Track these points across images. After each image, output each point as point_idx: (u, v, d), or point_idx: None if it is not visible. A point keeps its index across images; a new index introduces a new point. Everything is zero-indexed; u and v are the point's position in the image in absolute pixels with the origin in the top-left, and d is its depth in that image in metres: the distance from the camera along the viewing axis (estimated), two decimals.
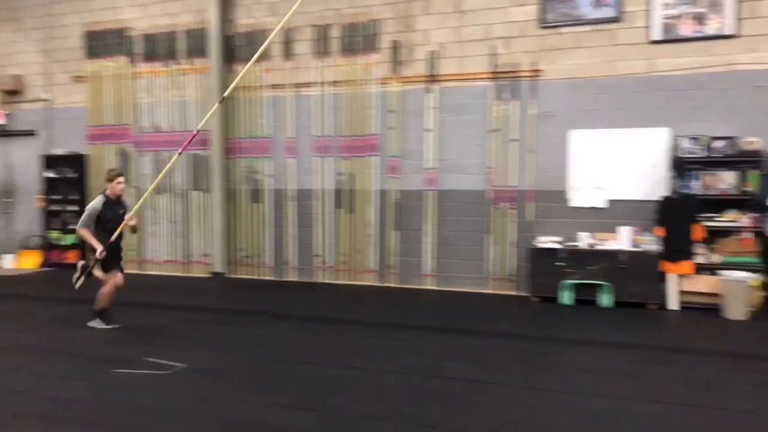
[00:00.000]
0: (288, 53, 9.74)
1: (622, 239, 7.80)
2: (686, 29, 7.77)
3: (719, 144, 7.51)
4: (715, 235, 7.49)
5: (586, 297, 7.74)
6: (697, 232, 7.40)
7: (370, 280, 9.36)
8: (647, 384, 4.95)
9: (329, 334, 6.54)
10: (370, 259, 9.37)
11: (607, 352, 5.90)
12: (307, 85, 9.60)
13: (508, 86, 8.58)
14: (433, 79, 8.95)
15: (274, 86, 9.83)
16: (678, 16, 7.78)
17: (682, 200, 7.49)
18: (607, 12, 8.06)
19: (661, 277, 7.53)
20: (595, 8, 8.11)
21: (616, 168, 8.10)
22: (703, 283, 7.37)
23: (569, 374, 5.25)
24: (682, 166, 7.59)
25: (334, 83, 9.46)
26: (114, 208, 6.61)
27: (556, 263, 7.85)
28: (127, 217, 6.60)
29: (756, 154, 7.35)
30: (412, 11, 9.06)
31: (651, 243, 7.67)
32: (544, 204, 8.51)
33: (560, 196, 8.40)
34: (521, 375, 5.18)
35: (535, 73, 8.45)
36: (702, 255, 7.48)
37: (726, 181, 7.49)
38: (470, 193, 8.83)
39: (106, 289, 6.57)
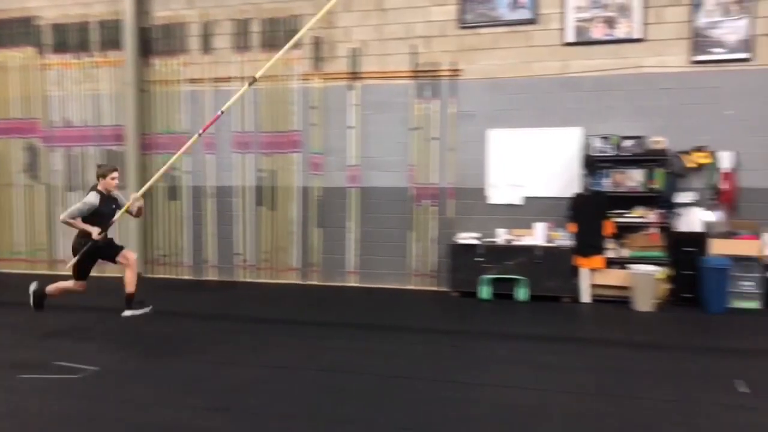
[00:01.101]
0: (207, 47, 9.53)
1: (538, 235, 8.04)
2: (597, 32, 8.08)
3: (628, 143, 7.85)
4: (624, 231, 7.83)
5: (503, 291, 7.94)
6: (608, 227, 7.72)
7: (292, 279, 9.29)
8: (562, 375, 5.12)
9: (249, 333, 6.45)
10: (292, 257, 9.30)
11: (524, 344, 6.07)
12: (227, 79, 9.42)
13: (428, 85, 8.69)
14: (355, 76, 8.96)
15: (193, 80, 9.60)
16: (590, 20, 8.08)
17: (594, 197, 7.80)
18: (523, 14, 8.28)
19: (574, 272, 7.81)
20: (511, 10, 8.32)
21: (532, 166, 8.34)
22: (614, 277, 7.70)
23: (488, 367, 5.36)
24: (593, 165, 7.89)
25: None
26: (107, 204, 6.43)
27: (475, 259, 8.02)
28: (133, 196, 6.56)
29: (662, 153, 7.72)
30: (333, 8, 9.01)
31: (564, 238, 7.94)
32: (464, 201, 8.67)
33: (479, 193, 8.58)
34: (442, 370, 5.25)
35: (455, 72, 8.59)
36: (612, 250, 7.80)
37: (634, 178, 7.84)
38: (393, 190, 8.90)
39: (131, 274, 6.45)
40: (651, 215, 7.70)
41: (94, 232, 6.21)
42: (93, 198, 6.33)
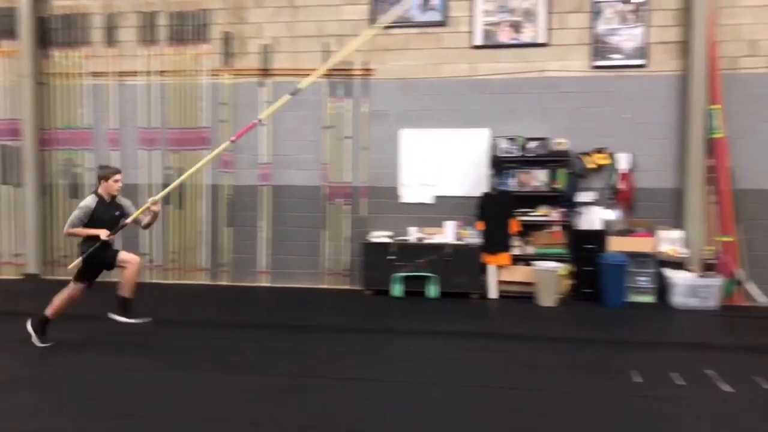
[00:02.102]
0: (111, 39, 9.15)
1: (448, 233, 8.20)
2: (504, 36, 8.32)
3: (533, 144, 8.13)
4: (529, 229, 8.09)
5: (415, 289, 8.05)
6: (514, 226, 7.97)
7: (201, 279, 9.07)
8: (471, 369, 5.27)
9: (155, 336, 6.24)
10: (201, 257, 9.08)
11: (433, 341, 6.18)
12: (132, 74, 9.08)
13: (341, 84, 8.69)
14: (266, 73, 8.84)
15: (96, 74, 9.19)
16: (497, 24, 8.31)
17: (500, 197, 8.03)
18: (434, 16, 8.42)
19: (483, 269, 8.02)
20: (422, 12, 8.44)
21: (443, 166, 8.49)
22: (519, 273, 7.95)
23: (399, 364, 5.43)
24: (500, 165, 8.12)
25: (162, 73, 9.03)
26: (109, 210, 5.82)
27: (387, 257, 8.09)
28: (150, 200, 5.89)
29: (564, 154, 8.03)
30: (244, 3, 8.89)
31: (473, 236, 8.13)
32: (376, 200, 8.72)
33: (392, 192, 8.66)
34: (353, 368, 5.28)
35: (367, 72, 8.63)
36: (518, 247, 8.06)
37: (538, 178, 8.12)
38: (305, 188, 8.84)
39: (130, 274, 5.76)
40: (554, 214, 8.00)
41: (102, 233, 5.67)
42: (89, 201, 5.76)
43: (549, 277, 7.65)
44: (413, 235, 8.35)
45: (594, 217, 7.90)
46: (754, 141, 7.86)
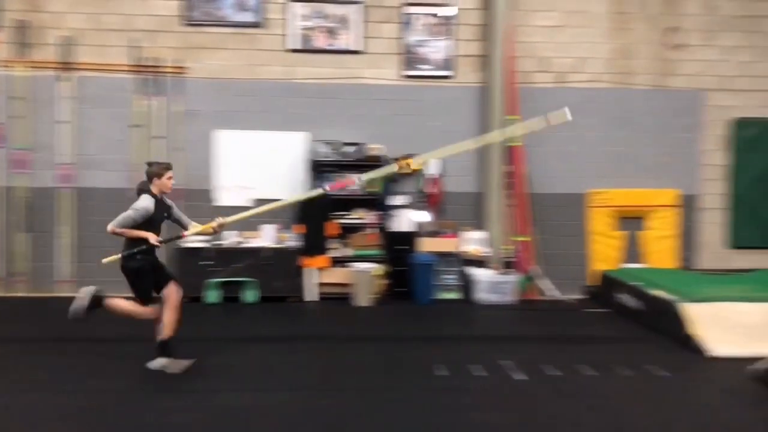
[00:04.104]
0: None
1: (266, 237, 8.15)
2: (320, 41, 8.43)
3: (349, 149, 8.33)
4: (347, 231, 8.28)
5: (233, 294, 7.90)
6: (331, 228, 8.11)
7: None
8: (288, 373, 5.27)
9: None
10: None
11: (252, 346, 6.10)
12: None
13: (151, 81, 8.29)
14: (67, 66, 8.19)
15: None
16: (313, 29, 8.40)
17: (318, 200, 8.12)
18: (249, 17, 8.31)
19: (302, 272, 8.07)
20: (237, 11, 8.29)
21: (260, 168, 8.41)
22: (337, 275, 8.10)
23: (212, 372, 5.28)
24: (318, 168, 8.22)
25: None
26: (160, 210, 5.29)
27: (202, 262, 7.86)
28: (219, 220, 5.51)
29: (378, 159, 8.30)
30: None
31: (292, 240, 8.16)
32: (191, 203, 8.36)
33: (207, 195, 8.42)
34: (160, 380, 5.05)
35: (180, 69, 8.31)
36: (336, 249, 8.21)
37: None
38: (113, 191, 8.28)
39: (171, 315, 5.25)
40: (369, 216, 8.26)
41: (151, 237, 5.12)
42: (147, 202, 5.15)
43: (365, 277, 7.88)
44: (230, 239, 8.18)
45: (406, 220, 8.27)
46: (547, 149, 8.65)
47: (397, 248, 8.16)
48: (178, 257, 7.96)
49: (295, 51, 8.42)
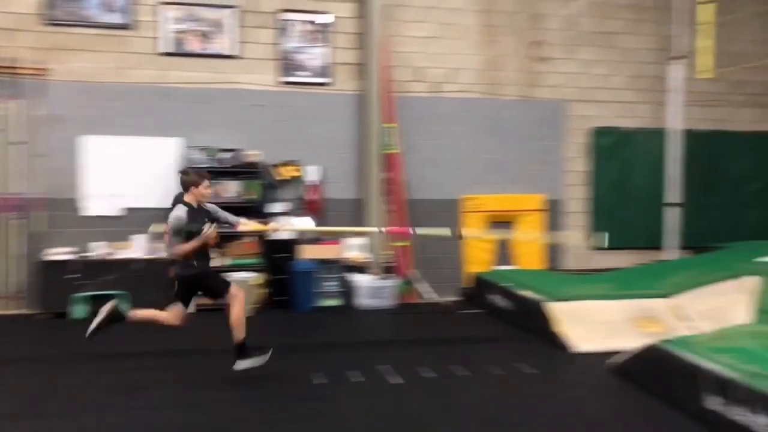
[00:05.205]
0: None
1: (138, 247, 7.82)
2: (194, 45, 8.21)
3: (226, 155, 8.16)
4: (225, 240, 8.08)
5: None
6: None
7: None
8: (155, 392, 5.07)
9: None
10: None
11: (117, 363, 5.83)
12: None
13: (8, 83, 7.74)
14: None
15: None
16: (186, 32, 8.17)
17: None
18: (117, 18, 7.96)
19: None
20: (104, 12, 7.91)
21: (132, 176, 8.07)
22: None
23: (70, 394, 5.00)
24: None
25: None
26: (199, 218, 5.12)
27: (68, 276, 7.43)
28: (274, 225, 5.82)
29: (256, 165, 8.21)
30: None
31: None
32: (56, 213, 7.93)
33: (74, 204, 7.97)
34: (11, 402, 4.72)
35: (41, 71, 7.81)
36: (214, 258, 7.98)
37: (232, 189, 8.18)
38: None
39: (238, 312, 5.17)
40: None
41: (207, 235, 5.03)
42: (180, 212, 5.03)
43: (243, 287, 7.71)
44: (99, 250, 7.78)
45: (286, 227, 8.20)
46: (423, 156, 8.90)
47: (277, 256, 8.09)
48: (41, 270, 7.49)
49: (167, 54, 8.15)
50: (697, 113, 9.59)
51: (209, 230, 5.08)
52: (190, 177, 5.27)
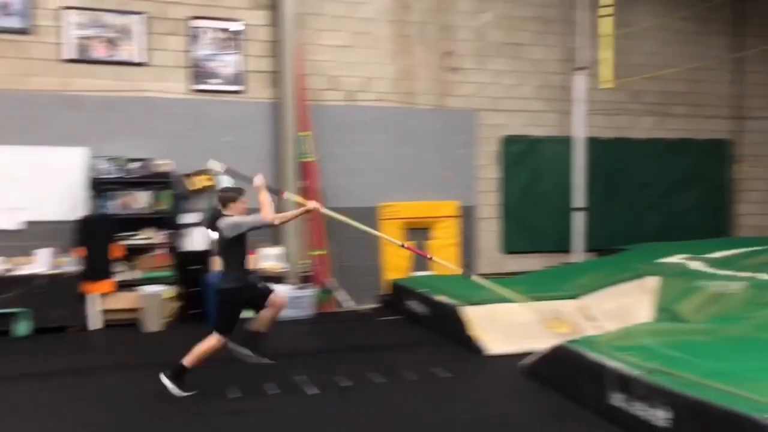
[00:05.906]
0: None
1: (41, 262, 7.45)
2: (100, 52, 7.92)
3: (135, 165, 7.90)
4: (134, 253, 7.84)
5: (1, 328, 7.11)
6: (116, 250, 7.63)
7: None
8: (65, 411, 4.85)
9: None
10: None
11: (21, 385, 5.54)
12: None
13: None
14: None
15: None
16: (91, 38, 7.87)
17: (101, 220, 7.61)
18: (14, 22, 7.57)
19: (84, 298, 7.48)
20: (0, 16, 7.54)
21: (33, 188, 7.68)
22: (124, 300, 7.62)
23: None
24: (99, 186, 7.71)
25: None
26: None
27: None
28: (315, 203, 5.95)
29: (167, 175, 7.98)
30: None
31: (71, 264, 7.54)
32: None
33: None
34: None
35: None
36: (122, 273, 7.73)
37: (142, 200, 7.92)
38: None
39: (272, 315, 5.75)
40: (159, 236, 7.89)
41: (310, 204, 5.85)
42: (235, 218, 5.45)
43: (154, 301, 7.51)
44: None
45: (198, 238, 8.03)
46: (340, 165, 8.91)
47: (190, 268, 7.89)
48: None
49: (71, 61, 7.82)
50: (600, 122, 10.06)
51: (313, 206, 5.81)
52: (229, 194, 5.63)
